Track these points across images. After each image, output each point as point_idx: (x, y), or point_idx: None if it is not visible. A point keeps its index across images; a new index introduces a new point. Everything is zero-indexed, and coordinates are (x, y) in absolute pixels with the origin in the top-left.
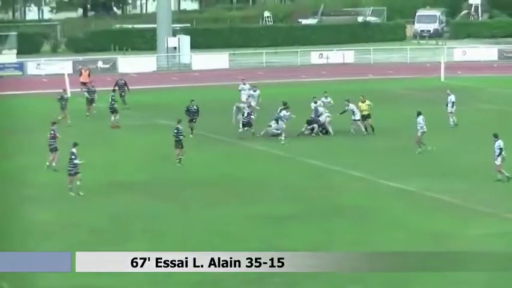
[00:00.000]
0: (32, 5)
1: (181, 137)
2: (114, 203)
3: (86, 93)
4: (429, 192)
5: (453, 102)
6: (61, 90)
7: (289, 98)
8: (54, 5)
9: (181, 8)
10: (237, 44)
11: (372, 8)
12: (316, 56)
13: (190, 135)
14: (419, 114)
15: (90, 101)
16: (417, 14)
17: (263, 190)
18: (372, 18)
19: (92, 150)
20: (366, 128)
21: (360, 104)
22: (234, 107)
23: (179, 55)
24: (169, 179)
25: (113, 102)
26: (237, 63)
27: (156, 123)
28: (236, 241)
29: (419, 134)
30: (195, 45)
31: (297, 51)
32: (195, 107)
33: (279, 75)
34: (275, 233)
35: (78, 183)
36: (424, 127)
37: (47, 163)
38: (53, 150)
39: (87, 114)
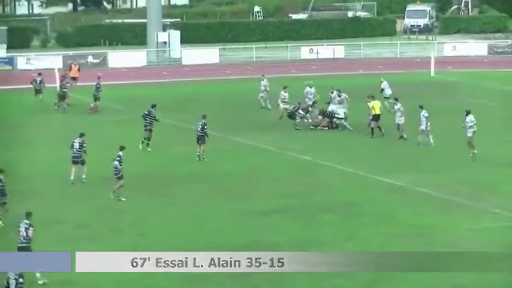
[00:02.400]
0: None
1: (205, 131)
2: (101, 197)
3: (60, 89)
4: (418, 187)
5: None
6: (36, 75)
7: (278, 92)
8: None
9: (172, 2)
10: (227, 38)
11: (362, 2)
12: (307, 51)
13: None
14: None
15: (62, 97)
16: (407, 9)
17: (251, 185)
18: (362, 13)
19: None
20: (380, 129)
21: (372, 103)
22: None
23: (169, 50)
24: (156, 174)
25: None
26: (227, 58)
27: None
28: (223, 236)
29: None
30: (185, 40)
31: (287, 46)
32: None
33: (269, 70)
34: (263, 228)
35: (119, 187)
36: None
37: (71, 177)
38: (83, 163)
39: (55, 108)
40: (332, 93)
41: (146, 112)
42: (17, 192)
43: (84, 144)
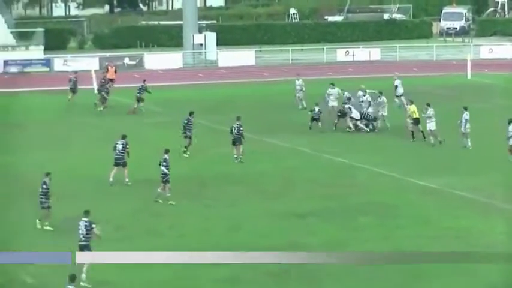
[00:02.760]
0: (59, 1)
1: (242, 132)
2: (139, 199)
3: (100, 91)
4: (455, 190)
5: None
6: (71, 75)
7: (316, 95)
8: (80, 1)
9: (207, 4)
10: (263, 40)
11: (398, 5)
12: (342, 53)
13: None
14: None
15: (104, 99)
16: (443, 11)
17: (287, 187)
18: (398, 16)
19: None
20: (423, 133)
21: (412, 107)
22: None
23: (205, 52)
24: (193, 176)
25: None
26: (263, 60)
27: (181, 120)
28: (260, 238)
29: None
30: (221, 42)
31: (323, 48)
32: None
33: (305, 72)
34: (299, 230)
35: (167, 191)
36: None
37: (110, 179)
38: (124, 165)
39: (100, 109)
40: (364, 95)
41: (185, 121)
42: (57, 195)
43: (127, 146)
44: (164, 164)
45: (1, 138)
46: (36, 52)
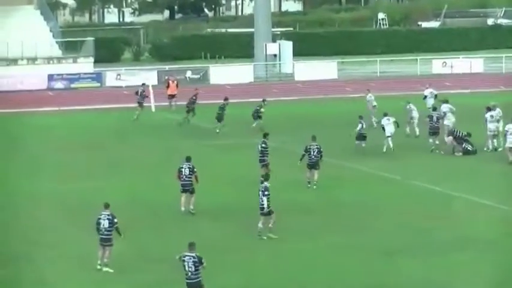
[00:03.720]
0: (112, 6)
1: (321, 154)
2: (203, 231)
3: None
4: None
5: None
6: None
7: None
8: (136, 6)
9: (283, 9)
10: (346, 50)
11: (504, 8)
12: (439, 64)
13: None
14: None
15: (188, 111)
16: None
17: (372, 218)
18: (504, 21)
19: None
20: None
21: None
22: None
23: (280, 63)
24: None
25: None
26: (347, 72)
27: (253, 142)
28: (341, 277)
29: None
30: (298, 52)
31: (416, 59)
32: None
33: (395, 86)
34: (387, 269)
35: (272, 223)
36: None
37: (182, 208)
38: (192, 191)
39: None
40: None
41: (262, 145)
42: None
43: (195, 170)
44: (266, 193)
45: (49, 163)
46: (85, 65)
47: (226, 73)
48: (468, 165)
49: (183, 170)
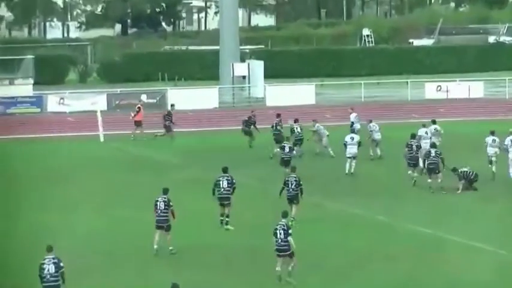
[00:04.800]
0: (55, 19)
1: (301, 187)
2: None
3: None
4: None
5: None
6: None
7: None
8: (83, 19)
9: (252, 23)
10: (326, 71)
11: (507, 24)
12: (433, 88)
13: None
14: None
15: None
16: None
17: (357, 265)
18: (507, 38)
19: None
20: None
21: None
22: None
23: (249, 86)
24: (237, 248)
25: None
26: (326, 97)
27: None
28: None
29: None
30: (270, 74)
31: (407, 82)
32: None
33: (383, 113)
34: None
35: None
36: None
37: (155, 245)
38: (168, 228)
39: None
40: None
41: (228, 179)
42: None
43: (171, 204)
44: (290, 232)
45: None
46: (23, 87)
47: (187, 97)
48: (463, 203)
49: (158, 203)
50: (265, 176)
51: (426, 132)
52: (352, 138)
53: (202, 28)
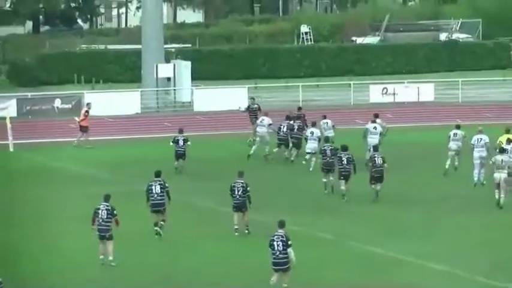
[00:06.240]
0: None
1: (249, 194)
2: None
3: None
4: None
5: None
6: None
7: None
8: None
9: (178, 20)
10: (260, 73)
11: (460, 20)
12: (378, 91)
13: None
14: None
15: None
16: None
17: None
18: (460, 36)
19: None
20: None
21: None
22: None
23: (175, 90)
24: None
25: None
26: (261, 101)
27: (139, 190)
28: None
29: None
30: (198, 75)
31: (350, 84)
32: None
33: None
34: None
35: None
36: None
37: (101, 256)
38: (110, 238)
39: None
40: None
41: (161, 183)
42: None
43: (115, 211)
44: (290, 243)
45: None
46: None
47: (106, 102)
48: (422, 217)
49: (99, 211)
50: (189, 188)
51: (375, 128)
52: (312, 133)
53: (123, 25)
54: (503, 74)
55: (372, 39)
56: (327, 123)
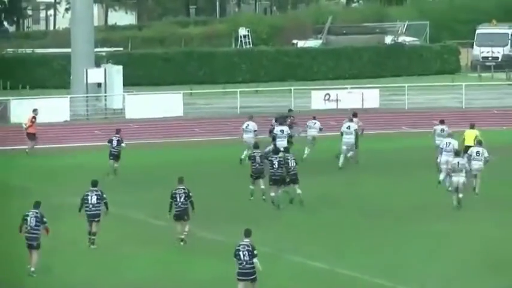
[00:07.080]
0: None
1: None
2: None
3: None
4: None
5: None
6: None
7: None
8: None
9: (110, 22)
10: (196, 78)
11: (407, 22)
12: (321, 97)
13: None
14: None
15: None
16: (477, 32)
17: None
18: (407, 39)
19: None
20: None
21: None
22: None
23: (105, 96)
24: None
25: None
26: (196, 108)
27: (70, 203)
28: None
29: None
30: (130, 81)
31: (290, 90)
32: None
33: (261, 128)
34: None
35: None
36: None
37: (32, 268)
38: (38, 246)
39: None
40: None
41: (98, 193)
42: None
43: (44, 219)
44: (256, 253)
45: None
46: None
47: (33, 109)
48: (360, 232)
49: (28, 218)
50: (127, 200)
51: (348, 127)
52: (282, 131)
53: (51, 28)
54: (451, 79)
55: (313, 43)
56: (315, 123)
